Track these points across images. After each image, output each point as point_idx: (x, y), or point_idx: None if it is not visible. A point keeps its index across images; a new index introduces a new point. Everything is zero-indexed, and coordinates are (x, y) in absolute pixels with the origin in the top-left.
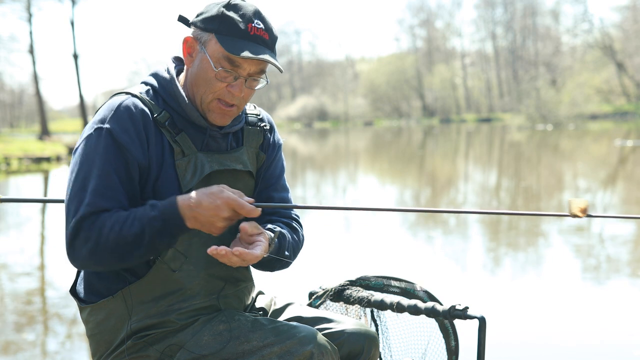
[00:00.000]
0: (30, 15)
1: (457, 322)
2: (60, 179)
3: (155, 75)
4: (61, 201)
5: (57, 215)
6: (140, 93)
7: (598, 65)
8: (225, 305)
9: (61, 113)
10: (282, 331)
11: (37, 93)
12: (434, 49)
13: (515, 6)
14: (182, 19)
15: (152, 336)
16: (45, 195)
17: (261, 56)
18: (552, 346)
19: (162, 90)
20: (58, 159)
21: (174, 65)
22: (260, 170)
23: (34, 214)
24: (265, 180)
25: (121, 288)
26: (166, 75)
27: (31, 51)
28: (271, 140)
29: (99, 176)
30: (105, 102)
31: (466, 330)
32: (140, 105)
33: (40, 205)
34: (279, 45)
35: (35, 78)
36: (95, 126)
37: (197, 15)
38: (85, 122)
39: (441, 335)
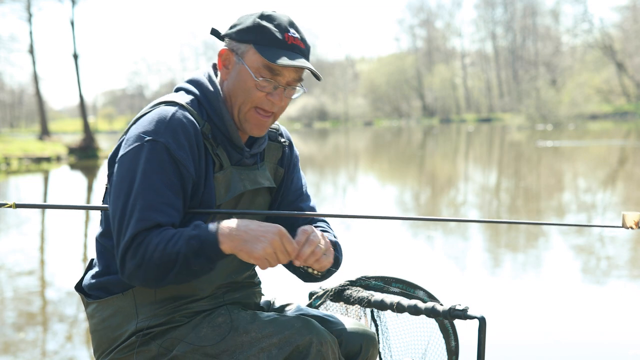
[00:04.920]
0: (30, 15)
1: (457, 322)
2: (61, 180)
3: (197, 85)
4: (73, 207)
5: (57, 215)
6: (187, 103)
7: (598, 65)
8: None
9: (61, 113)
10: (281, 322)
11: (37, 93)
12: (434, 49)
13: (515, 6)
14: (215, 32)
15: (154, 332)
16: (45, 196)
17: (302, 64)
18: (551, 346)
19: (206, 103)
20: (58, 159)
21: (213, 73)
22: (280, 186)
23: (33, 214)
24: (292, 192)
25: (132, 287)
26: (210, 87)
27: (31, 51)
28: (291, 155)
29: (154, 191)
30: (151, 110)
31: (466, 331)
32: (190, 117)
33: None
34: None
35: (35, 78)
36: (148, 137)
37: (231, 28)
38: (86, 122)
39: (441, 335)
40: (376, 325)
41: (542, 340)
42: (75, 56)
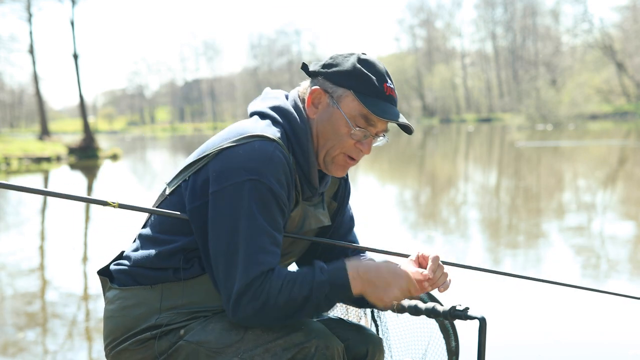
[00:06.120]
0: (30, 15)
1: (458, 323)
2: (61, 180)
3: (285, 116)
4: (161, 212)
5: (57, 216)
6: (279, 138)
7: (598, 65)
8: None
9: (61, 113)
10: (289, 323)
11: (37, 93)
12: (434, 49)
13: (515, 6)
14: (305, 68)
15: (170, 329)
16: (45, 199)
17: (404, 120)
18: (552, 346)
19: (294, 138)
20: (58, 159)
21: (300, 104)
22: (332, 220)
23: (33, 214)
24: (344, 226)
25: (162, 282)
26: (299, 122)
27: (31, 51)
28: (345, 189)
29: (263, 232)
30: (243, 142)
31: (466, 331)
32: (286, 156)
33: (40, 205)
34: (279, 46)
35: (35, 78)
36: (251, 176)
37: (325, 66)
38: (86, 122)
39: (441, 335)
40: (376, 326)
41: (542, 340)
42: (75, 56)
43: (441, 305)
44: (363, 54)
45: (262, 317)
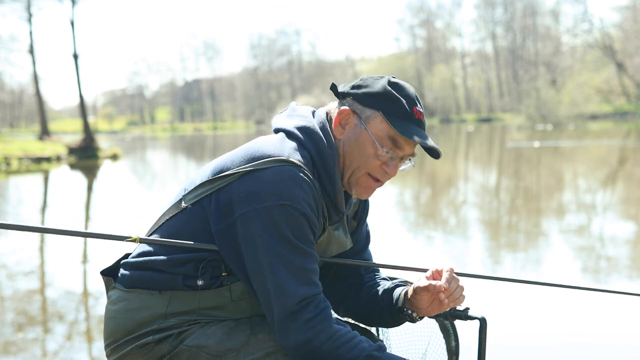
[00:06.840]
0: (30, 15)
1: (458, 323)
2: (61, 180)
3: (313, 140)
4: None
5: (57, 216)
6: (302, 162)
7: (598, 65)
8: None
9: (61, 113)
10: None
11: (37, 93)
12: (434, 49)
13: (515, 6)
14: (333, 88)
15: (172, 333)
16: (45, 196)
17: (433, 144)
18: (552, 347)
19: (320, 165)
20: (58, 159)
21: (328, 126)
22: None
23: (33, 214)
24: (360, 242)
25: (170, 288)
26: (327, 147)
27: (31, 51)
28: (364, 208)
29: (303, 254)
30: (271, 165)
31: (467, 331)
32: (314, 182)
33: (40, 205)
34: (279, 46)
35: (35, 78)
36: (283, 202)
37: (355, 87)
38: (86, 122)
39: (441, 335)
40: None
41: (542, 340)
42: (75, 56)
43: None
44: (393, 77)
45: (300, 350)
